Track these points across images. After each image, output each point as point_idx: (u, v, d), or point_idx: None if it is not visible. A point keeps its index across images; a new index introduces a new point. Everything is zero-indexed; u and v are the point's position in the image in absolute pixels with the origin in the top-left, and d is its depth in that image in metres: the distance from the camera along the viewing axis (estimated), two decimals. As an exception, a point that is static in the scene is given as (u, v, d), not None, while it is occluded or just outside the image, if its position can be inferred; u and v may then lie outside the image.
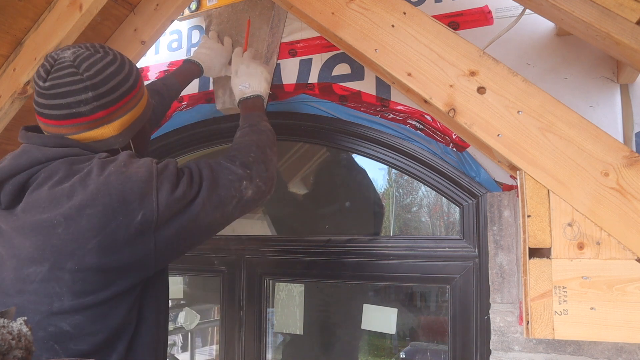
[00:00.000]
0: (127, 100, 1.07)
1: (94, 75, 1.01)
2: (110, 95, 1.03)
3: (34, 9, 1.67)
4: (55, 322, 0.94)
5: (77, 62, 1.01)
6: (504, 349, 1.49)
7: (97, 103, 1.01)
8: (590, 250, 1.05)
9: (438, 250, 1.71)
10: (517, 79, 1.11)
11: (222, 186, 1.10)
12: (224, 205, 1.10)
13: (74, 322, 0.94)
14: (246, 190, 1.14)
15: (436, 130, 1.64)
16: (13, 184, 0.98)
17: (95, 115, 1.02)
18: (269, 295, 2.06)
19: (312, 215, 2.30)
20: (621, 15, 0.94)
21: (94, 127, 1.03)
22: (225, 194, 1.10)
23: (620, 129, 1.42)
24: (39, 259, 0.94)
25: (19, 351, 0.51)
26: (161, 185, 1.00)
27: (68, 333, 0.94)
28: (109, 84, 1.03)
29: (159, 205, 0.98)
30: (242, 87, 1.58)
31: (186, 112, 2.11)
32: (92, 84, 1.00)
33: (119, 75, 1.05)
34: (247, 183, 1.14)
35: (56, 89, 1.00)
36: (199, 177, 1.07)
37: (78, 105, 1.00)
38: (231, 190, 1.11)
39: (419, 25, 1.19)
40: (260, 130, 1.34)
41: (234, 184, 1.12)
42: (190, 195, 1.04)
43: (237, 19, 1.91)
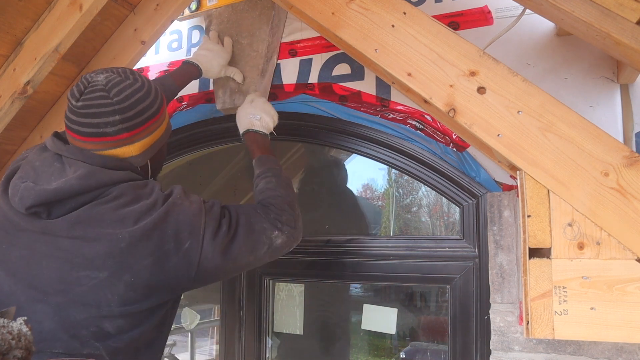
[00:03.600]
0: (149, 124, 1.17)
1: (123, 100, 1.11)
2: (135, 120, 1.13)
3: (34, 9, 1.67)
4: (99, 323, 1.06)
5: (108, 87, 1.11)
6: (504, 349, 1.49)
7: (123, 126, 1.12)
8: (590, 250, 1.05)
9: (438, 250, 1.71)
10: (517, 79, 1.11)
11: (257, 232, 1.23)
12: (256, 250, 1.23)
13: (117, 324, 1.07)
14: (276, 239, 1.27)
15: (436, 130, 1.64)
16: (77, 201, 1.07)
17: (120, 136, 1.13)
18: (269, 295, 2.06)
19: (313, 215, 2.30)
20: (621, 15, 0.94)
21: (117, 146, 1.14)
22: (258, 239, 1.23)
23: (620, 129, 1.42)
24: (99, 266, 1.04)
25: (19, 351, 0.51)
26: (209, 221, 1.15)
27: (109, 334, 1.06)
28: (135, 109, 1.13)
29: (204, 239, 1.12)
30: (254, 118, 1.60)
31: (186, 112, 2.11)
32: (120, 108, 1.11)
33: (145, 101, 1.15)
34: (278, 233, 1.27)
35: (87, 109, 1.10)
36: (236, 222, 1.21)
37: (105, 126, 1.11)
38: (263, 237, 1.24)
39: (419, 25, 1.19)
40: (285, 184, 1.43)
41: (266, 232, 1.25)
42: (229, 236, 1.17)
43: (237, 19, 1.91)
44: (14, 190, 1.09)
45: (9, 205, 1.11)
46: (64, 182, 1.06)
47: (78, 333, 1.04)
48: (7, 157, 2.18)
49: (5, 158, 2.19)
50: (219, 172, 2.55)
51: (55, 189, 1.05)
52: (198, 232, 1.12)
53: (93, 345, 1.05)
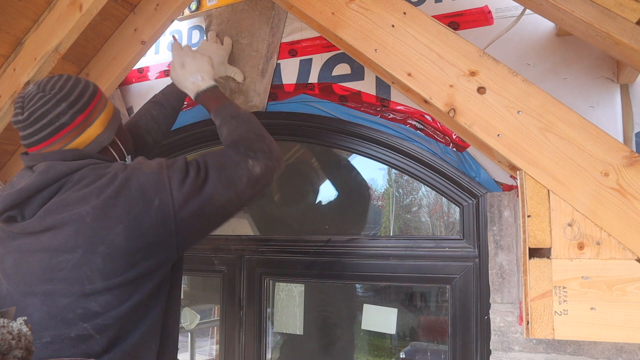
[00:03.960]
0: (96, 102, 1.23)
1: (60, 90, 1.18)
2: (81, 100, 1.19)
3: (34, 9, 1.67)
4: (84, 304, 1.05)
5: (41, 88, 1.18)
6: (504, 349, 1.49)
7: (73, 110, 1.17)
8: (590, 250, 1.05)
9: (438, 250, 1.71)
10: (517, 79, 1.11)
11: (229, 168, 1.21)
12: (235, 185, 1.20)
13: (104, 301, 1.06)
14: (254, 168, 1.23)
15: (436, 130, 1.64)
16: (42, 196, 1.11)
17: (77, 120, 1.18)
18: (269, 295, 2.06)
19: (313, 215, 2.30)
20: (621, 15, 0.94)
21: (80, 132, 1.19)
22: (234, 174, 1.20)
23: (620, 129, 1.42)
24: (72, 246, 1.06)
25: (19, 351, 0.51)
26: (172, 174, 1.14)
27: (96, 312, 1.06)
28: (74, 92, 1.19)
29: (172, 191, 1.11)
30: (194, 79, 1.55)
31: (186, 112, 2.11)
32: (62, 96, 1.17)
33: (80, 84, 1.22)
34: (253, 162, 1.24)
35: (35, 114, 1.15)
36: (204, 165, 1.19)
37: (59, 118, 1.16)
38: (238, 170, 1.21)
39: (419, 25, 1.19)
40: (246, 119, 1.39)
41: (240, 164, 1.22)
42: (200, 179, 1.15)
43: (237, 19, 1.91)
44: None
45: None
46: (26, 182, 1.12)
47: (65, 317, 1.05)
48: (7, 157, 2.18)
49: (5, 158, 2.19)
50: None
51: (19, 189, 1.11)
52: (164, 185, 1.11)
53: (81, 327, 1.04)
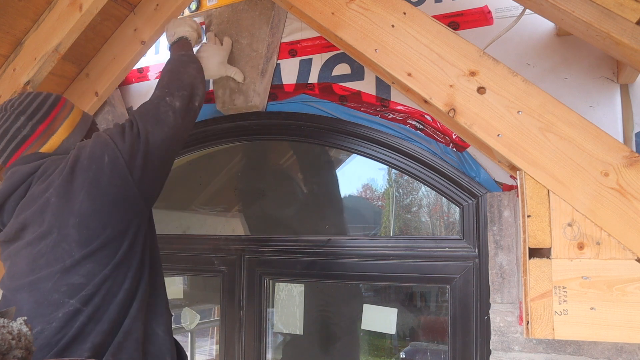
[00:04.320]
0: (57, 111, 1.29)
1: (18, 105, 1.25)
2: (40, 111, 1.26)
3: (34, 9, 1.67)
4: (67, 280, 1.09)
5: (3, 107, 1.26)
6: (504, 349, 1.49)
7: (33, 122, 1.24)
8: (590, 250, 1.05)
9: (438, 250, 1.71)
10: (517, 79, 1.11)
11: (151, 110, 1.30)
12: (162, 120, 1.28)
13: (86, 271, 1.10)
14: (173, 102, 1.33)
15: (436, 130, 1.64)
16: (14, 199, 1.18)
17: (37, 130, 1.25)
18: (269, 295, 2.06)
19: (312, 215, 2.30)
20: (621, 15, 0.94)
21: (44, 141, 1.26)
22: (157, 112, 1.29)
23: (620, 129, 1.42)
24: (47, 231, 1.12)
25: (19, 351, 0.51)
26: (111, 133, 1.22)
27: (80, 284, 1.09)
28: (32, 104, 1.26)
29: (117, 144, 1.18)
30: (169, 36, 1.70)
31: (186, 112, 2.10)
32: (20, 111, 1.24)
33: (38, 97, 1.29)
34: (170, 98, 1.33)
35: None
36: (133, 117, 1.28)
37: (20, 131, 1.23)
38: (159, 107, 1.30)
39: (419, 25, 1.19)
40: (172, 60, 1.51)
41: (160, 103, 1.31)
42: (135, 128, 1.24)
43: (237, 19, 1.91)
44: None
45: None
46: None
47: (50, 299, 1.07)
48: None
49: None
50: (219, 172, 2.54)
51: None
52: (107, 143, 1.18)
53: (67, 304, 1.07)
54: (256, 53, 1.86)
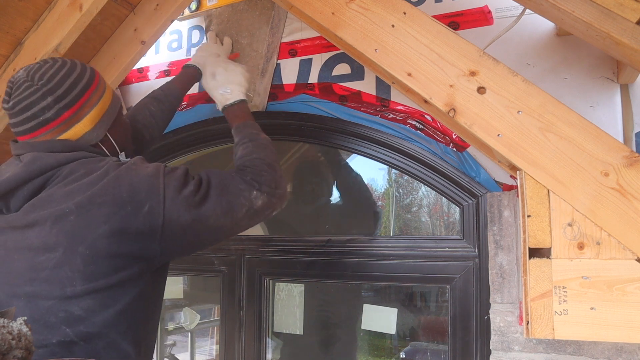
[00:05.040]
0: (88, 96, 1.14)
1: (48, 81, 1.09)
2: (69, 95, 1.11)
3: (34, 9, 1.67)
4: (66, 307, 0.99)
5: (30, 76, 1.10)
6: (504, 349, 1.49)
7: (59, 105, 1.09)
8: (590, 250, 1.05)
9: (438, 250, 1.71)
10: (517, 79, 1.11)
11: (232, 193, 1.15)
12: (233, 212, 1.14)
13: (86, 305, 1.00)
14: (256, 200, 1.18)
15: (436, 130, 1.64)
16: (28, 189, 1.05)
17: (62, 116, 1.10)
18: (269, 295, 2.06)
19: (312, 215, 2.30)
20: (621, 15, 0.94)
21: (66, 128, 1.12)
22: (235, 201, 1.15)
23: (620, 129, 1.42)
24: (53, 245, 1.00)
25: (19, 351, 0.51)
26: (169, 182, 1.07)
27: (79, 317, 0.99)
28: (64, 85, 1.10)
29: (166, 200, 1.04)
30: (223, 91, 1.55)
31: (186, 112, 2.11)
32: (48, 89, 1.09)
33: (72, 75, 1.12)
34: (257, 193, 1.18)
35: (19, 105, 1.09)
36: (207, 183, 1.13)
37: (43, 113, 1.09)
38: (241, 198, 1.16)
39: (419, 25, 1.19)
40: (263, 146, 1.36)
41: (244, 193, 1.16)
42: (199, 196, 1.09)
43: (237, 19, 1.91)
44: None
45: None
46: (11, 173, 1.06)
47: (48, 320, 0.99)
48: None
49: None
50: (219, 172, 2.55)
51: (4, 179, 1.05)
52: (157, 192, 1.04)
53: (63, 332, 0.99)
54: (256, 53, 1.86)
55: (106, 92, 1.20)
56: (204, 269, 2.18)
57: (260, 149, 1.34)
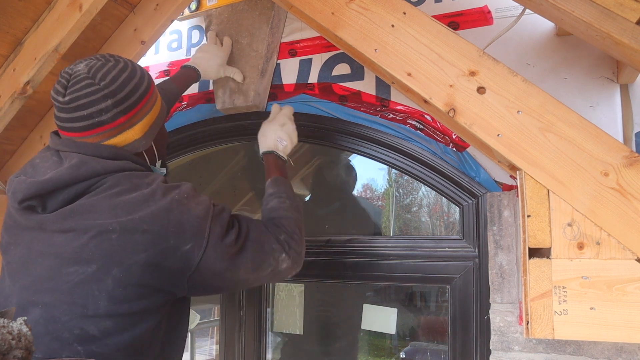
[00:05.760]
0: (144, 103, 1.12)
1: (110, 83, 1.05)
2: (128, 100, 1.08)
3: (34, 9, 1.67)
4: (83, 325, 0.97)
5: (91, 73, 1.05)
6: (504, 349, 1.49)
7: (117, 109, 1.06)
8: (590, 250, 1.05)
9: (438, 250, 1.71)
10: (517, 79, 1.11)
11: (265, 252, 1.16)
12: (261, 269, 1.16)
13: (103, 326, 0.97)
14: (282, 263, 1.20)
15: (436, 130, 1.64)
16: (69, 192, 1.02)
17: (117, 121, 1.07)
18: (269, 295, 2.06)
19: (312, 215, 2.30)
20: (621, 15, 0.94)
21: (117, 133, 1.09)
22: (266, 260, 1.16)
23: (620, 129, 1.42)
24: (87, 259, 0.98)
25: (19, 351, 0.51)
26: (214, 227, 1.06)
27: (94, 337, 0.97)
28: (125, 89, 1.07)
29: (208, 244, 1.04)
30: (280, 142, 1.57)
31: (186, 112, 2.11)
32: (110, 92, 1.05)
33: (133, 80, 1.10)
34: (285, 256, 1.20)
35: (76, 102, 1.04)
36: (245, 235, 1.13)
37: (99, 114, 1.05)
38: (270, 258, 1.17)
39: (419, 25, 1.19)
40: (298, 208, 1.38)
41: (274, 253, 1.18)
42: (236, 248, 1.10)
43: (237, 19, 1.91)
44: (10, 186, 1.07)
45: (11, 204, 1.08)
46: (55, 173, 1.03)
47: (60, 335, 0.96)
48: (7, 157, 2.18)
49: (5, 158, 2.18)
50: (219, 172, 2.55)
51: (46, 179, 1.02)
52: (202, 235, 1.04)
53: (75, 349, 0.96)
54: (256, 53, 1.86)
55: (157, 100, 1.19)
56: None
57: (295, 209, 1.35)
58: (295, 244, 1.24)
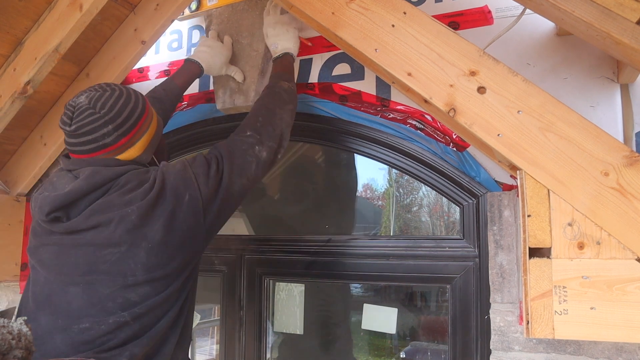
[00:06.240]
0: (141, 124, 1.27)
1: (109, 110, 1.21)
2: (127, 124, 1.23)
3: (34, 9, 1.67)
4: (124, 294, 1.15)
5: (92, 104, 1.21)
6: (504, 348, 1.49)
7: (118, 132, 1.22)
8: (590, 250, 1.05)
9: (438, 250, 1.71)
10: (517, 78, 1.11)
11: (239, 156, 1.33)
12: (246, 171, 1.33)
13: (142, 292, 1.17)
14: (260, 153, 1.37)
15: (436, 130, 1.64)
16: (89, 199, 1.18)
17: (119, 142, 1.23)
18: (269, 295, 2.06)
19: (312, 215, 2.30)
20: (621, 15, 0.94)
21: (121, 152, 1.25)
22: (243, 161, 1.33)
23: (621, 128, 1.42)
24: (117, 241, 1.15)
25: (19, 351, 0.51)
26: (196, 170, 1.26)
27: (135, 302, 1.16)
28: (123, 114, 1.23)
29: (200, 185, 1.24)
30: (273, 47, 1.72)
31: (186, 112, 2.11)
32: (110, 118, 1.21)
33: (129, 105, 1.25)
34: (259, 147, 1.37)
35: (82, 129, 1.21)
36: (219, 157, 1.31)
37: (103, 138, 1.21)
38: (247, 156, 1.34)
39: (419, 25, 1.19)
40: (274, 92, 1.52)
41: (248, 151, 1.35)
42: (219, 172, 1.28)
43: (237, 19, 1.91)
44: (35, 202, 1.24)
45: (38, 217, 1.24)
46: (73, 185, 1.18)
47: (105, 306, 1.14)
48: (7, 157, 2.18)
49: (6, 158, 2.19)
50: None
51: (66, 192, 1.17)
52: (191, 181, 1.23)
53: (119, 315, 1.14)
54: (256, 53, 1.86)
55: (153, 119, 1.33)
56: (204, 269, 2.17)
57: (269, 95, 1.51)
58: (263, 129, 1.40)
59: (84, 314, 1.13)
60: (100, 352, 1.11)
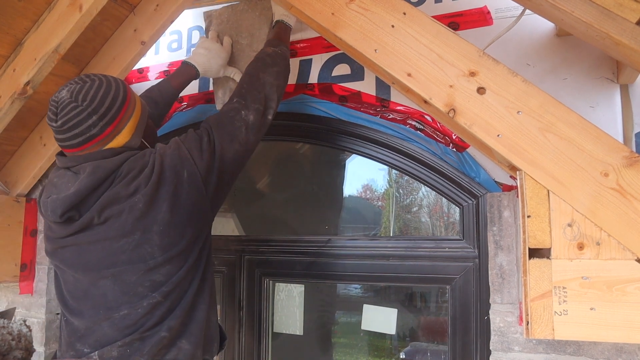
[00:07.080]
0: (125, 110, 1.28)
1: (91, 102, 1.23)
2: (110, 112, 1.25)
3: (34, 9, 1.67)
4: (150, 277, 1.22)
5: (74, 97, 1.22)
6: (504, 349, 1.49)
7: (103, 122, 1.24)
8: (590, 251, 1.05)
9: (438, 250, 1.71)
10: (517, 79, 1.11)
11: (227, 124, 1.37)
12: (236, 136, 1.37)
13: (166, 271, 1.24)
14: (247, 117, 1.40)
15: (436, 130, 1.64)
16: (97, 194, 1.21)
17: (106, 132, 1.25)
18: (269, 296, 2.06)
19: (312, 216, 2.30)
20: (621, 15, 0.94)
21: (110, 140, 1.26)
22: (233, 128, 1.37)
23: (620, 129, 1.42)
24: (130, 231, 1.21)
25: (19, 351, 0.51)
26: (189, 146, 1.30)
27: (161, 282, 1.24)
28: (105, 103, 1.24)
29: (195, 160, 1.28)
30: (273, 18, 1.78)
31: (186, 112, 2.11)
32: (92, 109, 1.22)
33: (110, 93, 1.26)
34: (245, 111, 1.40)
35: (67, 124, 1.22)
36: (209, 128, 1.36)
37: (89, 130, 1.23)
38: (235, 122, 1.38)
39: (419, 25, 1.19)
40: (257, 59, 1.56)
41: (235, 117, 1.39)
42: (211, 143, 1.32)
43: (237, 20, 1.91)
44: (45, 206, 1.26)
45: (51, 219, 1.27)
46: (79, 184, 1.21)
47: (136, 291, 1.22)
48: (7, 157, 2.18)
49: (5, 158, 2.18)
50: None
51: (75, 191, 1.20)
52: (187, 158, 1.27)
53: (151, 296, 1.22)
54: (255, 54, 1.86)
55: (137, 103, 1.34)
56: (203, 270, 2.18)
57: (255, 60, 1.55)
58: (248, 93, 1.44)
59: (120, 302, 1.21)
60: (143, 332, 1.21)
